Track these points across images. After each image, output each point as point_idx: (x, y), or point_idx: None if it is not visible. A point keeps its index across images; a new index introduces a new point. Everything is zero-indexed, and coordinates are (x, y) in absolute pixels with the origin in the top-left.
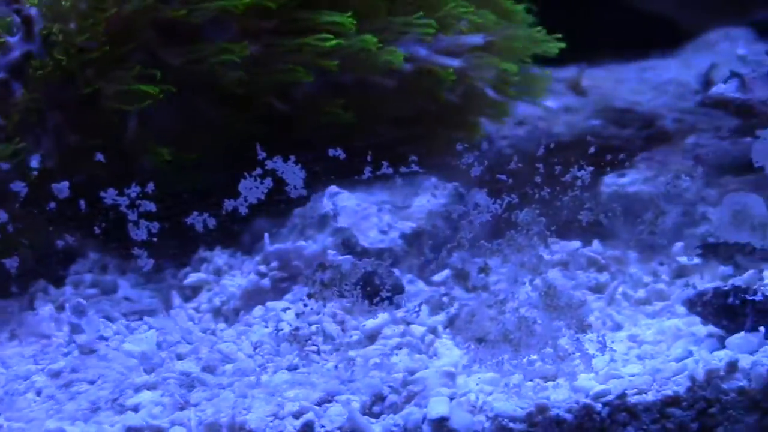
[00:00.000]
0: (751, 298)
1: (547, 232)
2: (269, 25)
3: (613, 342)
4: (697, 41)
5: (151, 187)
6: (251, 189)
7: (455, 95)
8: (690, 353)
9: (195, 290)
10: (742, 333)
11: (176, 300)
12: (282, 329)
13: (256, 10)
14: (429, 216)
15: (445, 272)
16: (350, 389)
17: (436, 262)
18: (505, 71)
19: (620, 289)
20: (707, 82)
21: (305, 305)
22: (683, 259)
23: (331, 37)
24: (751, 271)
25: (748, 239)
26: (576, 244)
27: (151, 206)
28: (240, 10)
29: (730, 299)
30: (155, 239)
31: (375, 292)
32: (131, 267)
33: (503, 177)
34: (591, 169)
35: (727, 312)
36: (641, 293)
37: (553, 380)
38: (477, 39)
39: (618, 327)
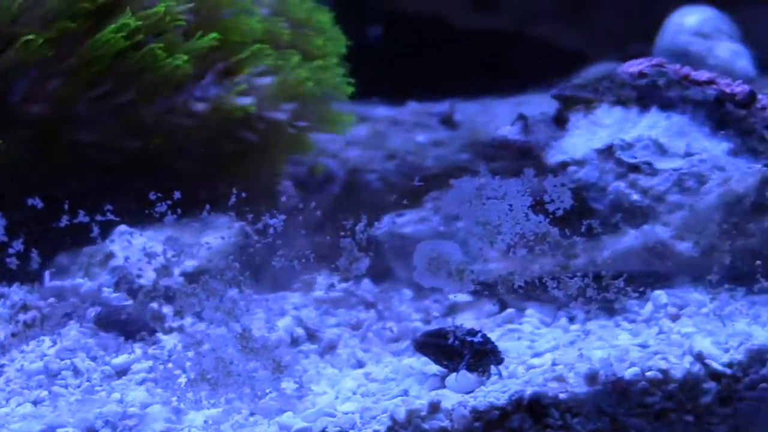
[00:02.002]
0: (470, 339)
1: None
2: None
3: (344, 379)
4: (579, 75)
5: None
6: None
7: (253, 133)
8: (405, 392)
9: None
10: (457, 373)
11: None
12: (38, 364)
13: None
14: (213, 254)
15: (214, 310)
16: (75, 422)
17: (210, 299)
18: (302, 107)
19: (375, 327)
20: None
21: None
22: (456, 297)
23: (120, 38)
24: (510, 310)
25: (443, 286)
26: (347, 282)
27: None
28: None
29: (451, 340)
30: None
31: (134, 329)
32: None
33: (299, 213)
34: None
35: (447, 352)
36: (395, 331)
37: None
38: (268, 80)
39: (360, 364)
